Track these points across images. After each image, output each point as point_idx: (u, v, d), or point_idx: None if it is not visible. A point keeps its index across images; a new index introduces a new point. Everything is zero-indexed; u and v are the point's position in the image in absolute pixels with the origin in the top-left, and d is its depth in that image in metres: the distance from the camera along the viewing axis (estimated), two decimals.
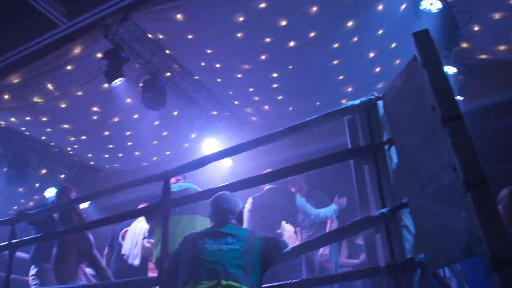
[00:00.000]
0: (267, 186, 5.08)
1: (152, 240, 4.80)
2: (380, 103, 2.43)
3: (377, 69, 5.52)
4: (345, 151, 2.43)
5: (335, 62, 5.36)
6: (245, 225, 3.95)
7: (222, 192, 2.78)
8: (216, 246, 2.40)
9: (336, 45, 5.06)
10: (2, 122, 6.65)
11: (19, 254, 4.73)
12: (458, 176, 1.67)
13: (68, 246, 3.81)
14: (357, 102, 2.47)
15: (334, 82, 5.76)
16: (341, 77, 5.68)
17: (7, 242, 3.86)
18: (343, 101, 6.00)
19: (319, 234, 4.64)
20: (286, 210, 4.39)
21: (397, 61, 5.34)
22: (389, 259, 2.11)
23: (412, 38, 1.95)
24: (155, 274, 3.08)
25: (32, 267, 4.76)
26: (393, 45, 5.16)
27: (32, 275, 4.71)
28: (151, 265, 4.64)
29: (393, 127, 2.31)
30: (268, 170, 3.22)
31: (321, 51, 5.16)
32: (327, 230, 4.94)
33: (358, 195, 2.41)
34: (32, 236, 3.98)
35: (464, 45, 5.35)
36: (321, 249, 4.78)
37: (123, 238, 5.06)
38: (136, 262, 4.77)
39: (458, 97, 5.20)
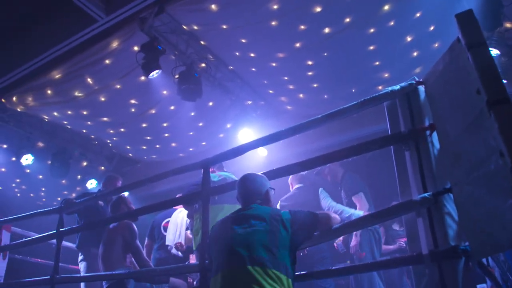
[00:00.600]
0: (295, 186, 5.09)
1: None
2: (421, 87, 2.37)
3: (415, 54, 5.38)
4: (385, 137, 2.40)
5: (371, 47, 5.25)
6: None
7: (249, 172, 2.76)
8: (240, 230, 2.35)
9: (372, 30, 4.96)
10: (46, 117, 6.90)
11: (65, 243, 4.92)
12: (506, 162, 1.62)
13: (116, 234, 3.93)
14: (397, 87, 2.42)
15: (370, 68, 5.66)
16: (377, 63, 5.57)
17: (55, 231, 4.03)
18: (380, 87, 5.90)
19: None
20: (314, 207, 4.40)
21: (436, 45, 5.19)
22: (432, 246, 2.07)
23: (455, 20, 1.89)
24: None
25: (80, 254, 4.90)
26: (431, 28, 5.01)
27: (80, 261, 4.84)
28: (192, 257, 4.74)
29: (435, 112, 2.26)
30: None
31: (356, 37, 5.07)
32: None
33: (398, 182, 2.38)
34: (79, 225, 4.11)
35: (508, 25, 5.13)
36: (352, 240, 4.73)
37: (165, 229, 5.17)
38: (180, 252, 4.89)
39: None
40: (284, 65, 5.61)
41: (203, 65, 5.81)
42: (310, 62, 5.53)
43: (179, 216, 5.06)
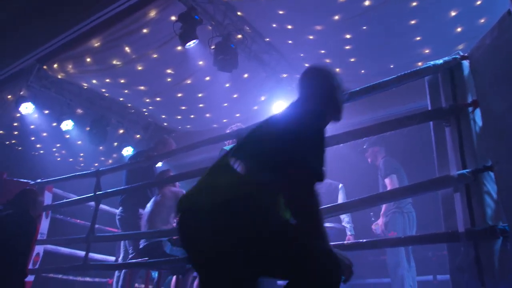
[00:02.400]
0: None
1: None
2: (465, 62, 2.31)
3: (459, 29, 5.17)
4: (425, 112, 2.36)
5: (413, 22, 5.09)
6: None
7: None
8: None
9: (414, 4, 4.79)
10: (85, 84, 7.07)
11: (102, 206, 5.10)
12: None
13: (166, 198, 4.06)
14: (440, 61, 2.36)
15: (410, 43, 5.49)
16: (418, 38, 5.40)
17: (93, 194, 4.19)
18: (419, 63, 5.72)
19: None
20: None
21: (482, 20, 4.97)
22: (469, 224, 2.05)
23: None
24: None
25: (120, 208, 4.96)
26: (478, 2, 4.79)
27: (119, 214, 4.92)
28: None
29: (478, 88, 2.20)
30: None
31: (398, 10, 4.91)
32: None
33: (437, 159, 2.34)
34: (116, 189, 4.25)
35: None
36: (379, 219, 4.83)
37: None
38: None
39: None
40: (322, 38, 5.52)
41: (240, 36, 5.79)
42: (348, 36, 5.41)
43: None
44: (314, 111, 1.88)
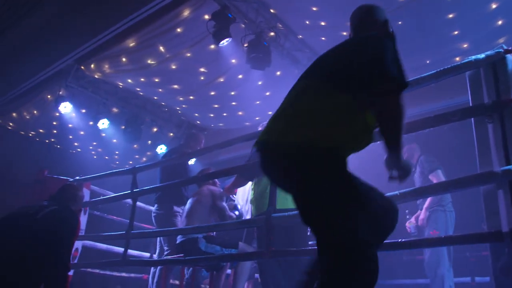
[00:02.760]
0: None
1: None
2: (509, 56, 2.23)
3: (499, 22, 5.00)
4: (467, 108, 2.29)
5: (450, 15, 4.95)
6: None
7: None
8: None
9: None
10: (121, 84, 7.23)
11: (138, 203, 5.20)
12: None
13: (204, 195, 4.12)
14: (482, 56, 2.29)
15: (447, 38, 5.35)
16: (455, 32, 5.25)
17: (129, 191, 4.28)
18: (457, 58, 5.57)
19: None
20: None
21: None
22: None
23: None
24: None
25: (156, 205, 5.05)
26: None
27: (155, 211, 5.01)
28: None
29: None
30: None
31: (434, 4, 4.79)
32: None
33: (478, 156, 2.27)
34: (152, 186, 4.31)
35: None
36: (420, 214, 4.73)
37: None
38: (248, 217, 5.02)
39: None
40: None
41: (272, 34, 5.78)
42: None
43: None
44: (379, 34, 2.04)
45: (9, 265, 2.45)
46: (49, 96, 7.27)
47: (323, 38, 5.76)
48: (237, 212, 4.92)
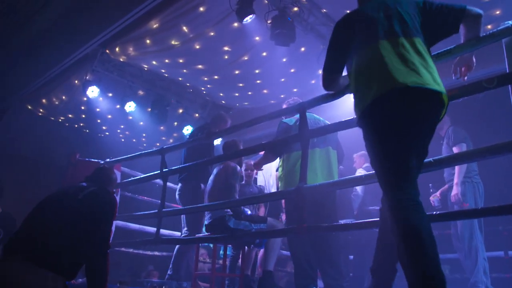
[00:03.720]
0: (363, 165, 5.64)
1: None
2: None
3: None
4: (504, 75, 2.21)
5: None
6: None
7: None
8: None
9: None
10: (146, 66, 7.27)
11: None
12: None
13: (222, 173, 4.15)
14: None
15: (477, 4, 5.12)
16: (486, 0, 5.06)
17: (159, 171, 4.33)
18: (489, 26, 5.37)
19: None
20: None
21: None
22: None
23: None
24: None
25: (180, 184, 5.06)
26: None
27: (179, 190, 5.03)
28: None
29: None
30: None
31: None
32: None
33: None
34: (181, 165, 4.35)
35: None
36: (453, 190, 4.60)
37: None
38: (273, 190, 5.07)
39: None
40: None
41: (296, 9, 5.67)
42: None
43: None
44: None
45: (57, 244, 2.54)
46: (76, 81, 7.38)
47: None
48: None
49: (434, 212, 2.30)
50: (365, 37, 2.16)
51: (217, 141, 8.12)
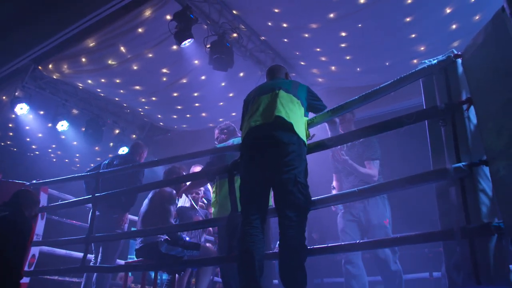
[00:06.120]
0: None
1: (205, 201, 5.01)
2: (459, 61, 2.30)
3: (454, 26, 5.18)
4: (421, 111, 2.36)
5: (408, 19, 5.09)
6: None
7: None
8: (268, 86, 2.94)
9: (409, 1, 4.80)
10: (80, 84, 7.05)
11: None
12: None
13: (157, 199, 4.10)
14: (434, 61, 2.36)
15: (405, 41, 5.50)
16: (413, 35, 5.40)
17: (91, 196, 4.16)
18: (415, 61, 5.73)
19: None
20: None
21: (477, 17, 4.98)
22: (463, 222, 2.05)
23: None
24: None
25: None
26: None
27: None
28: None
29: (472, 87, 2.20)
30: None
31: (393, 8, 4.92)
32: None
33: (432, 157, 2.34)
34: (115, 191, 4.19)
35: None
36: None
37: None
38: None
39: None
40: (317, 37, 5.52)
41: (235, 35, 5.78)
42: (343, 34, 5.41)
43: None
44: None
45: None
46: (4, 97, 7.01)
47: (285, 40, 5.81)
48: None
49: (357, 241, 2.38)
50: None
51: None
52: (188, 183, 4.18)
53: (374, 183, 3.65)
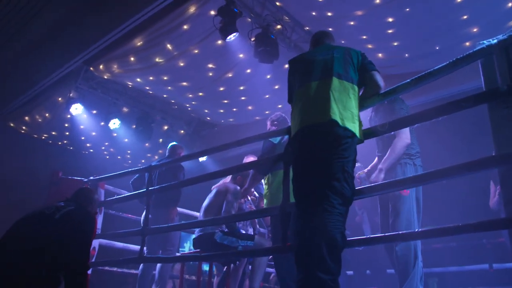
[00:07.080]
0: None
1: (256, 194, 5.04)
2: None
3: (509, 4, 4.92)
4: (481, 94, 2.24)
5: (459, 0, 4.89)
6: None
7: None
8: (320, 56, 2.76)
9: None
10: (130, 83, 7.26)
11: None
12: None
13: (220, 192, 4.21)
14: (494, 40, 2.24)
15: (456, 23, 5.28)
16: (465, 17, 5.17)
17: (145, 189, 4.30)
18: (467, 43, 5.50)
19: None
20: None
21: None
22: None
23: None
24: None
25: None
26: None
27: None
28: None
29: None
30: None
31: None
32: None
33: (494, 142, 2.23)
34: (167, 184, 4.31)
35: None
36: (374, 174, 3.64)
37: None
38: None
39: None
40: (363, 24, 5.41)
41: (279, 26, 5.76)
42: (390, 19, 5.27)
43: None
44: None
45: (29, 264, 2.50)
46: (59, 99, 7.33)
47: (330, 29, 5.71)
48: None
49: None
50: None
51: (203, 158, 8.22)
52: (247, 183, 4.17)
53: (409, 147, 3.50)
